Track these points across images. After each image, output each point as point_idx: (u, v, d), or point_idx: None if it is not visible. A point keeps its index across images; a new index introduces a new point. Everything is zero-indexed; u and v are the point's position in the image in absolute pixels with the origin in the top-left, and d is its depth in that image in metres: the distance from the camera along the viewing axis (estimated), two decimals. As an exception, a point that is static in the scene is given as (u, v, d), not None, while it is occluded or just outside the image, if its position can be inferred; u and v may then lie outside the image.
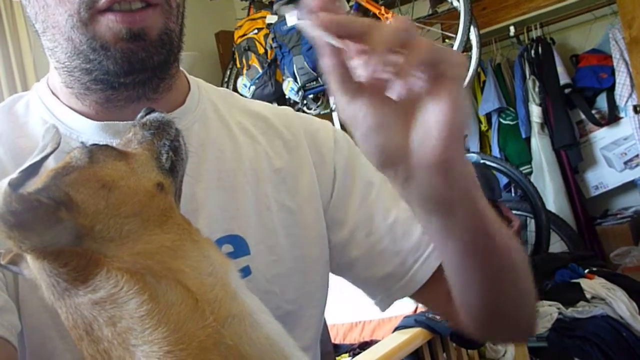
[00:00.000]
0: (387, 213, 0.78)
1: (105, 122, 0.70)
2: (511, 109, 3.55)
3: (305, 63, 2.95)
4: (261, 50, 3.22)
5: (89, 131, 0.70)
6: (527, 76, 3.48)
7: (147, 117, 0.58)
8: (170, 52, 0.70)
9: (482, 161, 2.19)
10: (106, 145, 0.53)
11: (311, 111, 3.12)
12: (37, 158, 0.45)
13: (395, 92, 0.45)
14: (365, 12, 3.11)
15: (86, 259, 0.45)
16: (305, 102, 3.09)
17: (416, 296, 0.79)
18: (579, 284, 2.35)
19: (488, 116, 3.64)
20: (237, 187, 0.75)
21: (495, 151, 3.54)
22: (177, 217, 0.50)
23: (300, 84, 3.01)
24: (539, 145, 3.44)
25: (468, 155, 2.24)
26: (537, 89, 3.46)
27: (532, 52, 3.48)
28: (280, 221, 0.77)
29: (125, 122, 0.69)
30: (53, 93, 0.74)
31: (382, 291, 0.80)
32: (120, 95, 0.69)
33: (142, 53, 0.66)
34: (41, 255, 0.45)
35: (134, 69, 0.66)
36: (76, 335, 0.46)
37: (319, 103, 3.17)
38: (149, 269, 0.45)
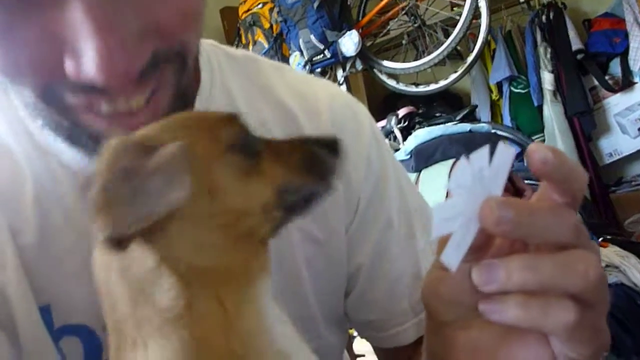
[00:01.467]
0: (395, 264, 0.71)
1: None
2: (522, 77, 3.48)
3: (311, 36, 2.91)
4: (266, 25, 3.18)
5: (76, 157, 0.59)
6: (539, 43, 3.40)
7: (320, 150, 0.48)
8: (188, 104, 0.55)
9: (493, 131, 2.16)
10: (261, 142, 0.45)
11: (319, 85, 3.09)
12: None
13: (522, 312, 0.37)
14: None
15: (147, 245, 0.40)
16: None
17: (378, 351, 0.76)
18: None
19: (499, 85, 3.58)
20: None
21: (507, 120, 3.49)
22: (256, 242, 0.45)
23: (306, 58, 2.98)
24: (552, 113, 3.38)
25: (479, 125, 2.21)
26: (548, 56, 3.38)
27: (543, 17, 3.39)
28: (303, 254, 0.67)
29: None
30: None
31: (358, 331, 0.77)
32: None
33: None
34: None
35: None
36: (102, 294, 0.43)
37: (326, 77, 3.14)
38: (201, 282, 0.41)
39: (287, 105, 0.70)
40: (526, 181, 2.14)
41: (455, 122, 2.65)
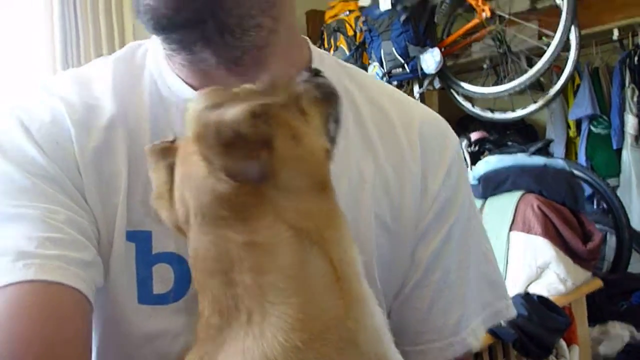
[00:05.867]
0: (444, 276, 0.72)
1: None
2: (604, 117, 3.36)
3: (393, 49, 2.91)
4: (350, 32, 3.21)
5: (186, 96, 0.66)
6: (626, 84, 3.28)
7: (320, 79, 0.54)
8: (216, 9, 0.61)
9: (569, 169, 2.10)
10: (302, 95, 0.50)
11: (394, 98, 3.08)
12: None
13: None
14: (460, 3, 3.03)
15: (258, 200, 0.44)
16: (388, 88, 3.05)
17: None
18: (657, 309, 2.22)
19: (578, 122, 3.47)
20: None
21: (582, 159, 3.37)
22: (332, 188, 0.49)
23: (385, 70, 2.98)
24: (630, 159, 3.24)
25: (555, 160, 2.14)
26: (635, 99, 3.25)
27: (636, 58, 3.27)
28: (375, 239, 0.68)
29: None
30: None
31: None
32: (194, 59, 0.65)
33: (163, 9, 0.59)
34: (223, 181, 0.44)
35: (162, 28, 0.61)
36: (206, 270, 0.46)
37: (402, 90, 3.13)
38: (307, 232, 0.44)
39: (383, 106, 0.74)
40: (596, 225, 2.06)
41: (528, 154, 2.58)
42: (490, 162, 2.15)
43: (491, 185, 2.07)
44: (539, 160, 2.10)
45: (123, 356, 0.65)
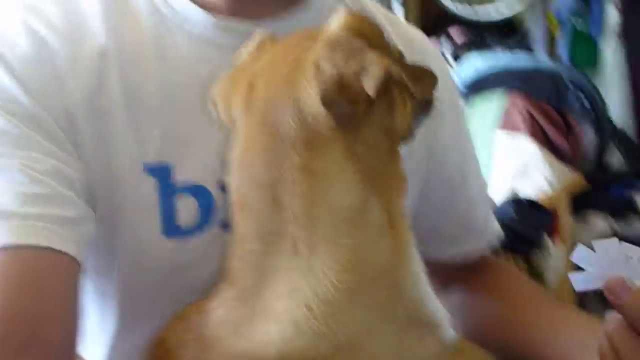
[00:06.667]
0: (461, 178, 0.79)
1: (222, 20, 0.62)
2: (587, 7, 3.28)
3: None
4: None
5: (201, 25, 0.62)
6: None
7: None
8: None
9: (555, 68, 2.08)
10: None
11: None
12: None
13: None
14: None
15: (335, 137, 0.42)
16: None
17: None
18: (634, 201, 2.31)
19: (559, 15, 3.39)
20: None
21: (564, 53, 3.33)
22: (401, 156, 0.49)
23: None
24: (610, 51, 3.22)
25: (544, 63, 2.11)
26: (617, -13, 3.17)
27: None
28: None
29: (244, 23, 0.62)
30: None
31: None
32: None
33: None
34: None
35: None
36: (253, 177, 0.44)
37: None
38: (372, 180, 0.43)
39: (381, 24, 0.72)
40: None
41: (509, 50, 2.51)
42: (475, 64, 2.12)
43: (477, 86, 2.06)
44: (524, 60, 2.08)
45: (151, 287, 0.64)
